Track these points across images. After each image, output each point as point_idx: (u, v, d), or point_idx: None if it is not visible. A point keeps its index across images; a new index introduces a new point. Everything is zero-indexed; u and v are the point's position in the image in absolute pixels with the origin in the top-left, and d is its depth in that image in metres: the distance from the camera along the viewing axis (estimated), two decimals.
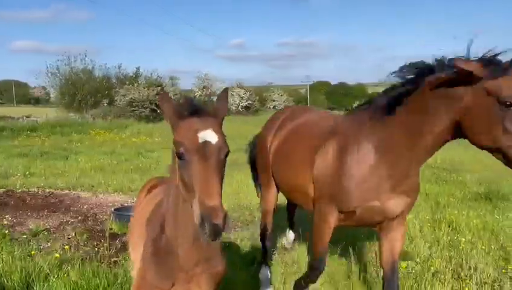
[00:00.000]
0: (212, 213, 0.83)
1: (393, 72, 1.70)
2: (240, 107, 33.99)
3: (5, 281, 2.38)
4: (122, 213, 4.00)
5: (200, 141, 0.93)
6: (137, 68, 28.26)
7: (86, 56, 25.37)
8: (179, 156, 0.96)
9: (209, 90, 31.98)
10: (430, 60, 1.57)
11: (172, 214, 1.13)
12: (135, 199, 4.28)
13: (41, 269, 2.52)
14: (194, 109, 1.04)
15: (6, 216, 4.02)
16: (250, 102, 35.19)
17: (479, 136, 1.41)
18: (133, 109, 22.39)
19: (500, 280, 2.65)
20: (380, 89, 1.93)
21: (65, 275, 2.47)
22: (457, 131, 1.49)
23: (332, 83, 55.17)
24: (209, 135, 0.95)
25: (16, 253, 2.87)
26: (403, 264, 2.78)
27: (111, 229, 3.72)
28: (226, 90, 1.24)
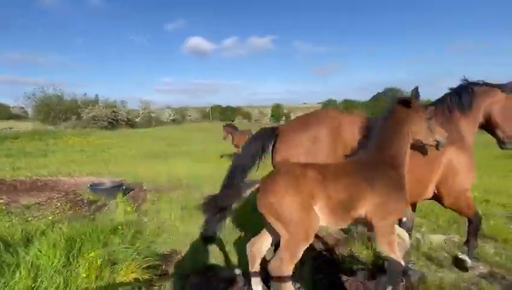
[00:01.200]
0: None
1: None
2: (169, 120, 56.12)
3: (9, 239, 3.27)
4: (96, 187, 4.99)
5: None
6: (96, 95, 41.22)
7: (57, 87, 35.62)
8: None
9: (148, 110, 48.07)
10: None
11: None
12: (104, 180, 5.73)
13: (38, 227, 3.27)
14: None
15: (13, 197, 4.67)
16: (175, 117, 59.25)
17: None
18: (95, 121, 31.97)
19: None
20: (251, 110, 3.36)
21: (59, 229, 3.02)
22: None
23: (223, 105, 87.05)
24: None
25: (14, 220, 3.77)
26: None
27: (88, 198, 4.85)
28: None
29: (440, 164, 2.38)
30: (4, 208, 4.11)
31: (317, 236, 3.45)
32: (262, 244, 2.17)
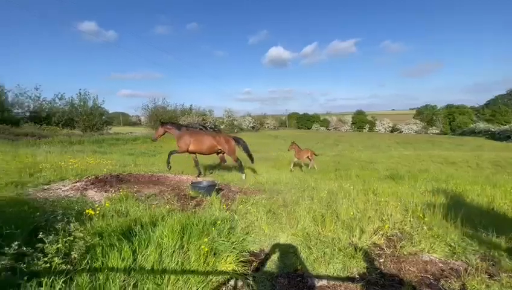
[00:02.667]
0: None
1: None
2: (249, 127, 62.97)
3: (141, 221, 4.22)
4: (195, 185, 5.83)
5: None
6: (191, 105, 50.56)
7: (164, 99, 45.83)
8: None
9: (231, 117, 56.74)
10: None
11: None
12: (199, 178, 6.81)
13: (159, 214, 4.22)
14: None
15: (138, 187, 6.02)
16: (254, 124, 65.51)
17: None
18: (189, 128, 40.33)
19: (403, 221, 4.18)
20: (329, 117, 3.28)
21: (173, 217, 3.73)
22: None
23: (300, 112, 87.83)
24: None
25: (141, 206, 4.85)
26: (350, 212, 4.34)
27: (189, 194, 5.72)
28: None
29: None
30: (134, 195, 5.28)
31: (412, 262, 3.09)
32: None
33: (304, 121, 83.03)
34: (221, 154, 9.19)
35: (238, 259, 2.88)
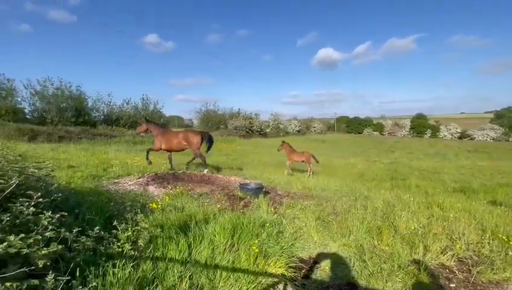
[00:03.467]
0: None
1: None
2: (294, 130, 61.20)
3: (195, 217, 4.45)
4: (243, 186, 6.03)
5: None
6: (239, 109, 52.45)
7: (215, 103, 50.38)
8: None
9: (277, 121, 56.65)
10: None
11: None
12: (246, 180, 6.95)
13: (212, 211, 4.26)
14: None
15: (191, 185, 6.49)
16: (300, 128, 64.11)
17: None
18: (237, 131, 41.39)
19: (480, 242, 3.55)
20: (383, 121, 2.87)
21: (224, 215, 3.89)
22: None
23: (350, 116, 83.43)
24: None
25: (195, 203, 5.19)
26: (411, 226, 3.87)
27: (238, 195, 5.89)
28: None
29: None
30: (188, 193, 5.67)
31: None
32: None
33: (355, 125, 78.50)
34: None
35: (287, 264, 2.85)
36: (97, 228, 2.53)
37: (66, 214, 2.43)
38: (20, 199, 2.13)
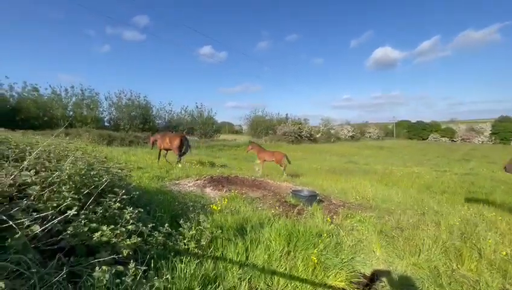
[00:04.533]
0: None
1: None
2: (347, 136, 57.70)
3: (249, 221, 4.51)
4: (296, 193, 5.95)
5: None
6: (287, 114, 52.25)
7: (264, 109, 50.86)
8: None
9: (328, 126, 54.34)
10: None
11: None
12: (298, 186, 6.87)
13: (266, 216, 4.33)
14: None
15: (244, 189, 6.70)
16: (354, 133, 59.84)
17: None
18: (285, 136, 41.14)
19: None
20: (454, 125, 2.39)
21: (278, 221, 3.96)
22: None
23: (412, 121, 75.63)
24: None
25: (248, 207, 5.34)
26: (502, 251, 3.36)
27: (290, 201, 5.83)
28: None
29: None
30: (242, 196, 5.84)
31: None
32: None
33: (418, 130, 70.71)
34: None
35: (348, 278, 2.69)
36: (166, 225, 2.79)
37: (142, 210, 2.73)
38: (109, 195, 2.49)
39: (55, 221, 1.77)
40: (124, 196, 2.56)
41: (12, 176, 2.05)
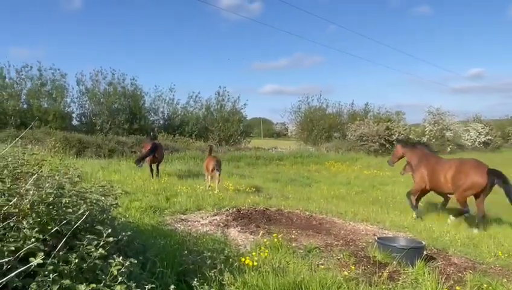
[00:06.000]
0: None
1: None
2: (476, 142, 51.75)
3: (307, 287, 3.88)
4: (385, 243, 5.73)
5: None
6: (366, 104, 49.94)
7: (321, 95, 46.70)
8: None
9: (441, 125, 47.16)
10: None
11: None
12: (386, 231, 6.60)
13: (334, 281, 4.05)
14: None
15: (294, 232, 6.71)
16: (489, 137, 52.68)
17: None
18: (363, 143, 38.04)
19: None
20: None
21: None
22: None
23: None
24: None
25: (299, 261, 5.27)
26: None
27: (375, 257, 5.62)
28: None
29: None
30: (289, 244, 5.80)
31: None
32: None
33: None
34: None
35: None
36: (172, 287, 2.85)
37: (135, 261, 2.84)
38: (87, 236, 2.62)
39: (13, 274, 1.89)
40: (110, 238, 2.67)
41: None
